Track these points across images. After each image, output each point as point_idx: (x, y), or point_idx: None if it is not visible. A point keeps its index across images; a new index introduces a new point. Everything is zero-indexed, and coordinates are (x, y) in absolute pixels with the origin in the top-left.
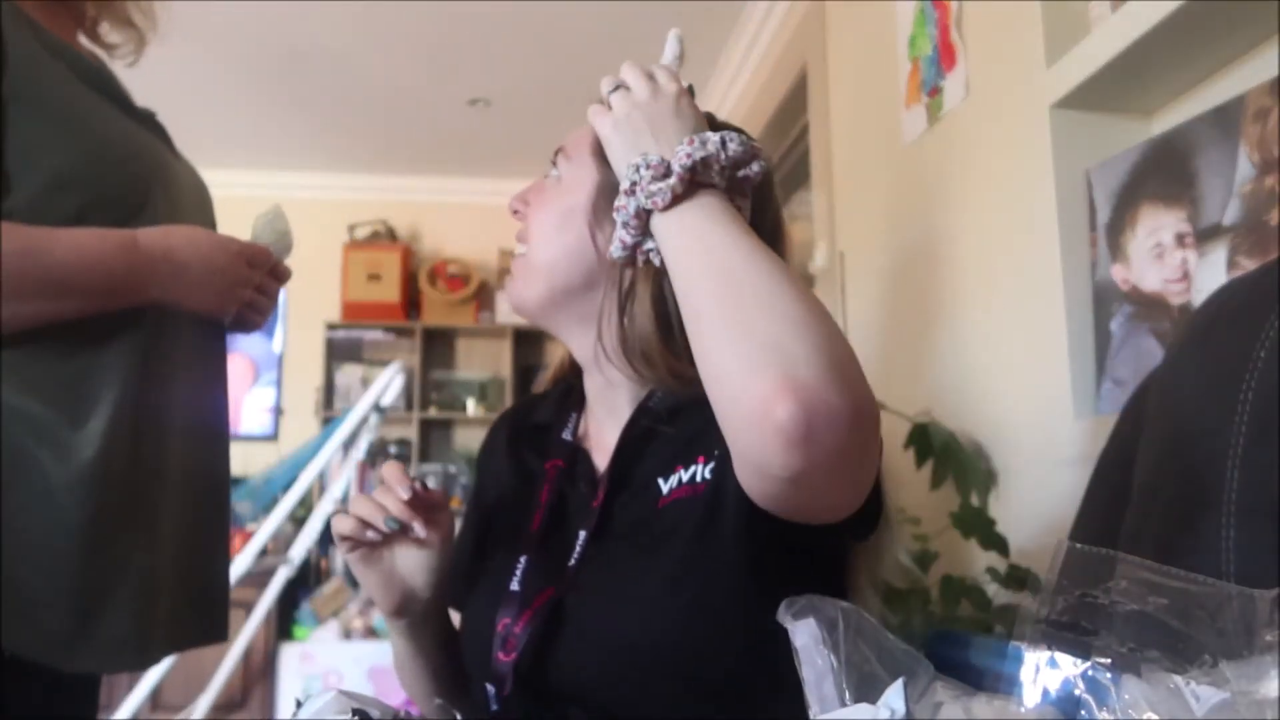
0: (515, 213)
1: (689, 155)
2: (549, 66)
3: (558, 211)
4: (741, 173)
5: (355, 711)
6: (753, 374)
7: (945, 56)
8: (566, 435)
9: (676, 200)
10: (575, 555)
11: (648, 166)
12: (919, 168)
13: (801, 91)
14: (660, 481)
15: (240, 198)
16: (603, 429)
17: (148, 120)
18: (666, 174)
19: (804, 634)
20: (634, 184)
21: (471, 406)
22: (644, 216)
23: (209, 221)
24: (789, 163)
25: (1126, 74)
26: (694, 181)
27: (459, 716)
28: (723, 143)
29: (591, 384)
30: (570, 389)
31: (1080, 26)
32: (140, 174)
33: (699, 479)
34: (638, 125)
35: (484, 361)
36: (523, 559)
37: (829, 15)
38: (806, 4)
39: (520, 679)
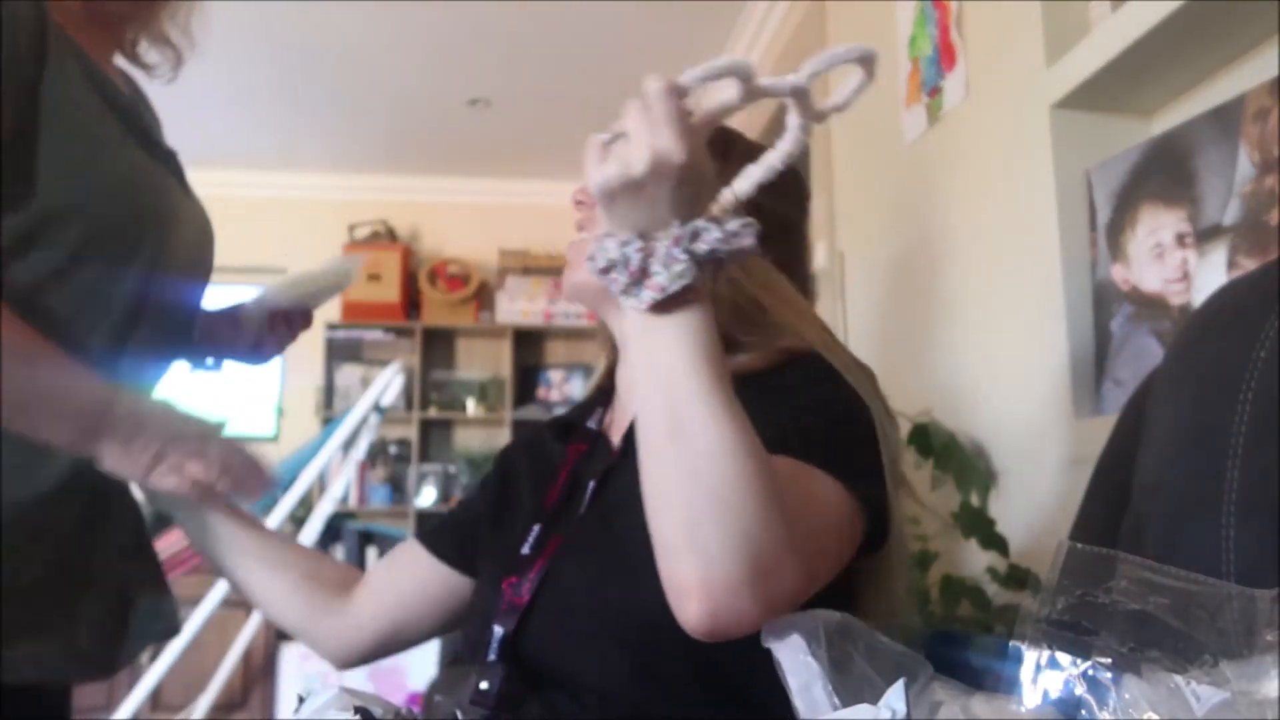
0: (580, 203)
1: (663, 288)
2: (549, 66)
3: None
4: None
5: (358, 709)
6: (673, 556)
7: (945, 56)
8: (592, 424)
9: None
10: (584, 505)
11: (626, 267)
12: (919, 168)
13: None
14: None
15: (240, 198)
16: (627, 414)
17: (167, 158)
18: (642, 278)
19: (786, 648)
20: (610, 266)
21: (471, 406)
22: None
23: (205, 264)
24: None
25: (1126, 74)
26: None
27: (460, 715)
28: (723, 237)
29: (626, 369)
30: (603, 392)
31: (1080, 26)
32: (141, 214)
33: None
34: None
35: (484, 361)
36: (536, 527)
37: (829, 15)
38: (806, 4)
39: (521, 628)
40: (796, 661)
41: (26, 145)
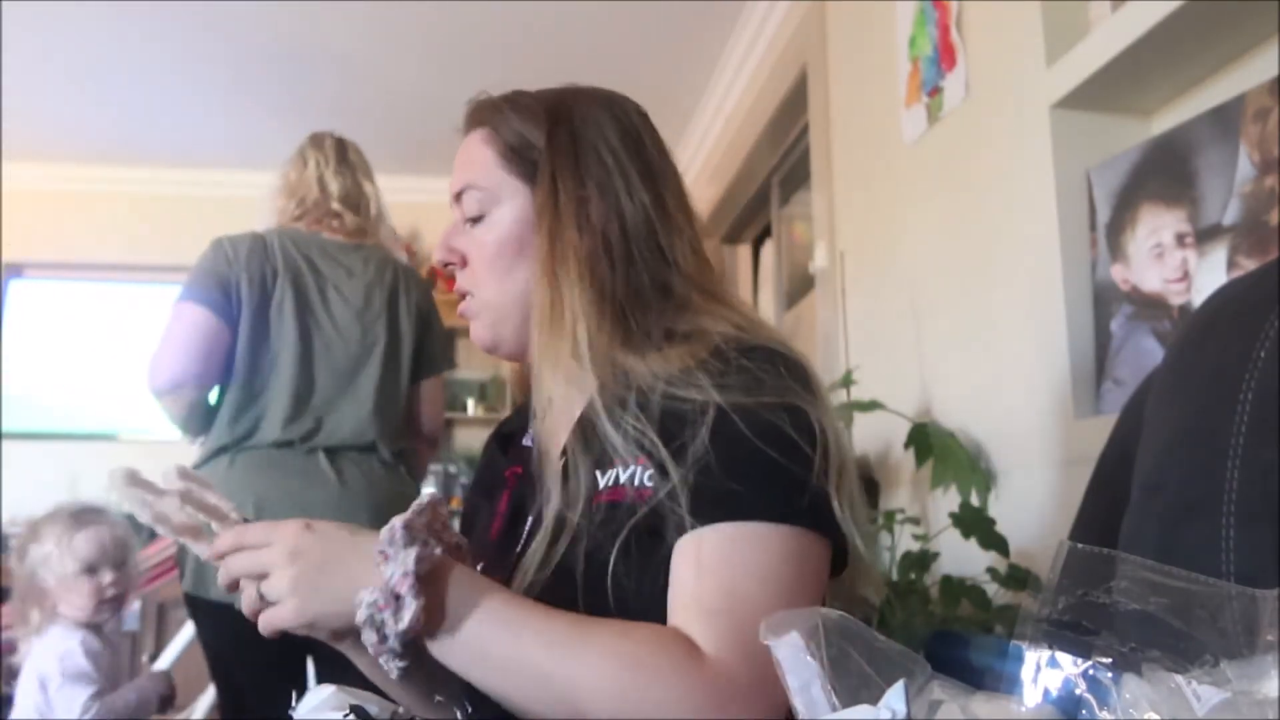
0: (448, 265)
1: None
2: (549, 66)
3: (506, 250)
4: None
5: (352, 708)
6: None
7: (945, 56)
8: (527, 441)
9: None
10: (521, 541)
11: (378, 606)
12: (919, 168)
13: (801, 91)
14: (598, 474)
15: (240, 198)
16: (559, 429)
17: None
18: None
19: (785, 646)
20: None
21: (471, 406)
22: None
23: None
24: (789, 163)
25: (1126, 74)
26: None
27: (459, 715)
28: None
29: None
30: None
31: (1080, 26)
32: None
33: (638, 482)
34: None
35: (484, 361)
36: (479, 566)
37: (829, 15)
38: (806, 4)
39: None
40: (795, 660)
41: None
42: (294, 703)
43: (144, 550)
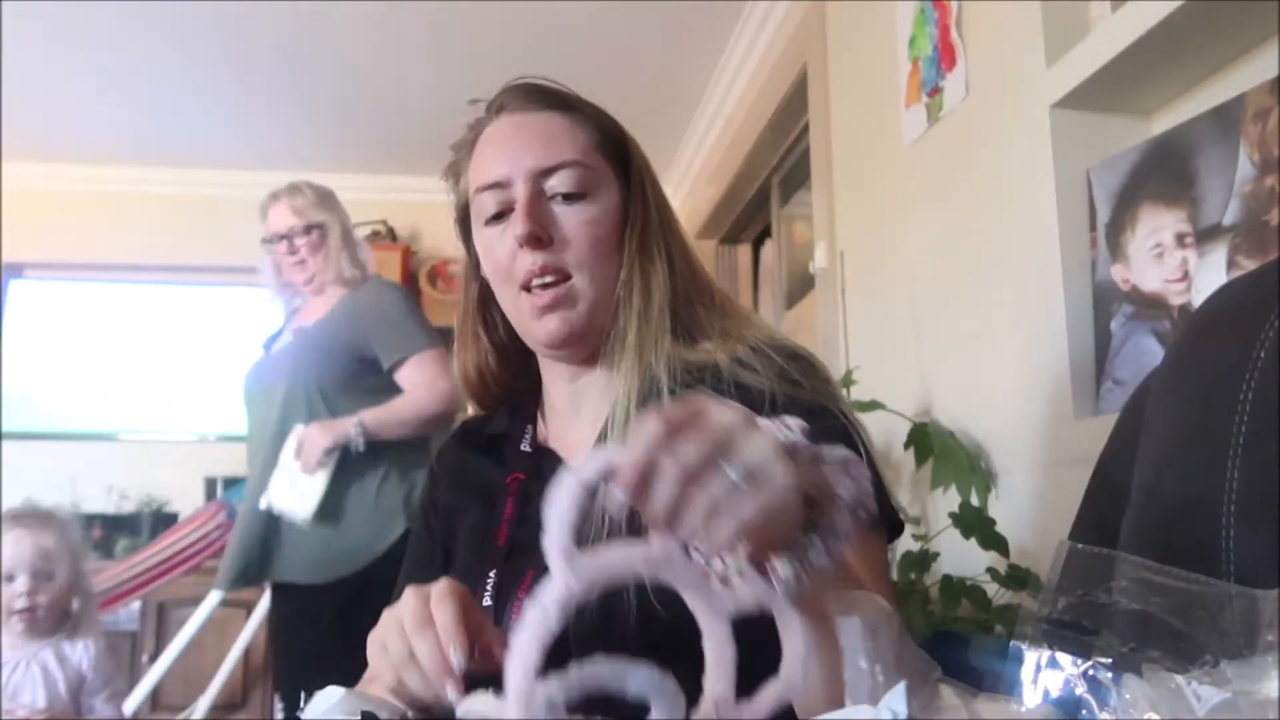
0: (538, 240)
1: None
2: (549, 66)
3: (612, 234)
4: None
5: (363, 714)
6: None
7: (945, 56)
8: (525, 447)
9: None
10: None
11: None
12: (919, 168)
13: (801, 91)
14: None
15: (240, 198)
16: (569, 429)
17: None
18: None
19: (849, 632)
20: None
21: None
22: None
23: None
24: (789, 163)
25: (1126, 74)
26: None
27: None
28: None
29: (561, 386)
30: (519, 405)
31: (1080, 26)
32: None
33: None
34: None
35: None
36: (492, 574)
37: (829, 15)
38: (806, 4)
39: None
40: (854, 654)
41: None
42: (303, 704)
43: (145, 549)
